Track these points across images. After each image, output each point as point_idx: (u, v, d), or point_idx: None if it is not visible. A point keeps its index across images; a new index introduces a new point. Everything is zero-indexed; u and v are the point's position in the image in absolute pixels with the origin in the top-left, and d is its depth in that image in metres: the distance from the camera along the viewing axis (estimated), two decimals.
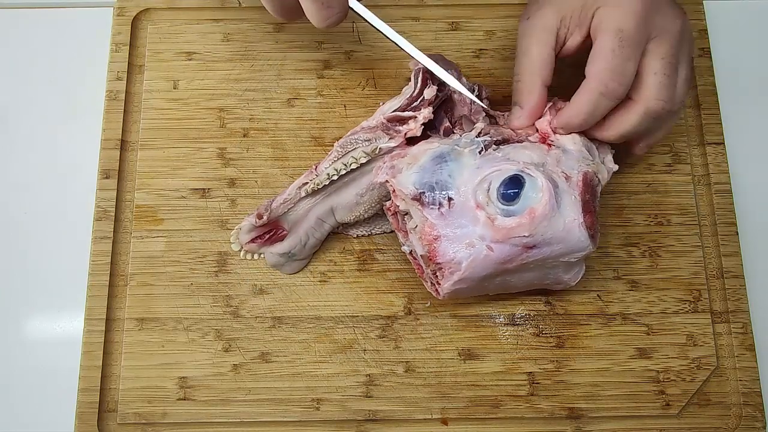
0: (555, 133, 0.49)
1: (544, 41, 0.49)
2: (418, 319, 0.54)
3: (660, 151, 0.58)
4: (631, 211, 0.56)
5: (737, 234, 0.56)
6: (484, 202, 0.46)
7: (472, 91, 0.52)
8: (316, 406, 0.52)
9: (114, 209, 0.55)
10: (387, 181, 0.47)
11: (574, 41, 0.49)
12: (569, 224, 0.46)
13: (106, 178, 0.56)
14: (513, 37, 0.60)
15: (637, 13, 0.46)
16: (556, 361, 0.53)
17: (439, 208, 0.46)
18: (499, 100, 0.57)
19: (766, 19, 0.65)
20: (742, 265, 0.55)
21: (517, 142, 0.49)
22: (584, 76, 0.47)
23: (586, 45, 0.49)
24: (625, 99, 0.47)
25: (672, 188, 0.57)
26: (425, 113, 0.49)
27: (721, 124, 0.59)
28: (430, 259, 0.46)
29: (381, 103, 0.56)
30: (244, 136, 0.58)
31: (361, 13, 0.49)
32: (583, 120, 0.48)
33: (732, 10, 0.64)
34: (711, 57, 0.60)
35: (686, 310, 0.54)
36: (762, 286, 0.57)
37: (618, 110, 0.48)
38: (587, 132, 0.50)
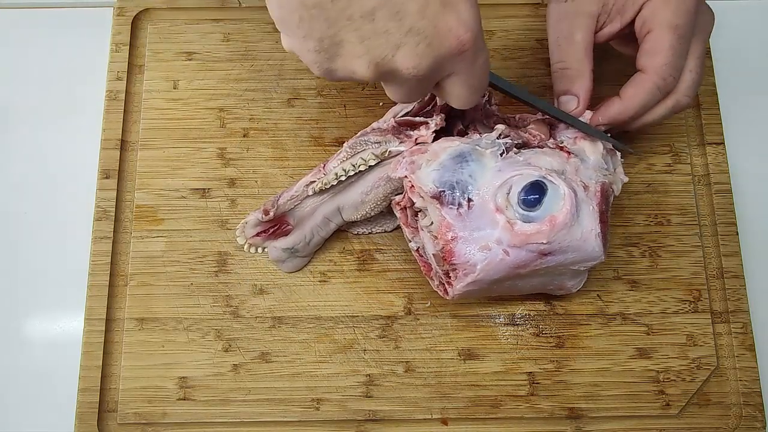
0: (600, 126, 0.49)
1: (587, 26, 0.48)
2: (418, 319, 0.54)
3: (660, 151, 0.58)
4: (631, 211, 0.56)
5: (737, 234, 0.56)
6: (504, 205, 0.45)
7: (482, 96, 0.51)
8: (316, 406, 0.52)
9: (114, 209, 0.55)
10: (406, 176, 0.47)
11: (612, 28, 0.49)
12: (586, 234, 0.46)
13: (106, 178, 0.56)
14: (513, 37, 0.61)
15: (689, 10, 0.46)
16: (556, 361, 0.53)
17: (458, 209, 0.46)
18: (500, 100, 0.57)
19: (766, 19, 0.65)
20: (742, 265, 0.55)
21: (537, 147, 0.49)
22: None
23: (621, 33, 0.49)
24: None
25: (672, 188, 0.57)
26: (437, 120, 0.49)
27: (721, 124, 0.59)
28: (445, 259, 0.46)
29: (381, 104, 0.57)
30: (244, 136, 0.58)
31: (499, 85, 0.47)
32: (635, 113, 0.48)
33: (732, 10, 0.64)
34: (711, 57, 0.60)
35: (686, 310, 0.54)
36: (762, 286, 0.57)
37: None
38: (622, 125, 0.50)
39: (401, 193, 0.49)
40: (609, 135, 0.50)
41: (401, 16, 0.37)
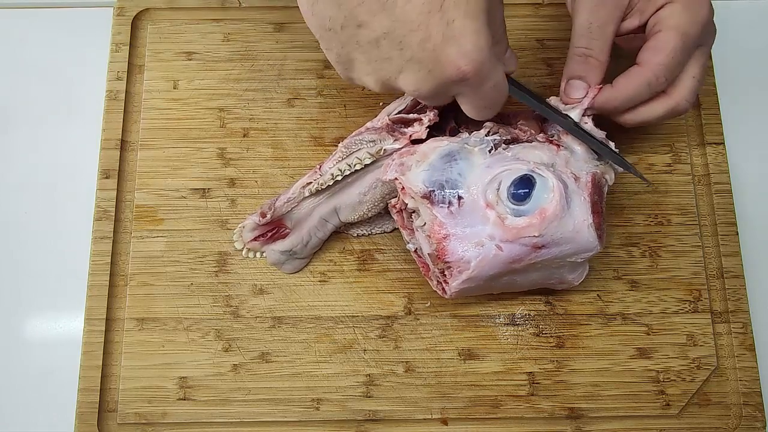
0: (588, 110, 0.49)
1: (617, 18, 0.49)
2: (418, 319, 0.54)
3: (660, 151, 0.58)
4: (631, 211, 0.56)
5: (737, 234, 0.56)
6: (494, 201, 0.46)
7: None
8: (316, 406, 0.52)
9: (114, 209, 0.55)
10: (396, 178, 0.47)
11: (630, 24, 0.50)
12: (579, 225, 0.46)
13: (106, 178, 0.56)
14: (513, 37, 0.60)
15: (701, 22, 0.48)
16: (556, 361, 0.53)
17: (448, 207, 0.46)
18: None
19: (766, 19, 0.65)
20: (742, 265, 0.55)
21: (527, 141, 0.49)
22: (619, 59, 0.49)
23: (635, 31, 0.50)
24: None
25: (672, 188, 0.57)
26: (431, 116, 0.49)
27: (721, 124, 0.59)
28: (439, 258, 0.46)
29: (381, 104, 0.57)
30: (244, 136, 0.58)
31: (521, 100, 0.48)
32: (621, 103, 0.49)
33: (732, 10, 0.64)
34: (711, 57, 0.60)
35: (686, 310, 0.54)
36: (762, 286, 0.57)
37: (649, 100, 0.49)
38: (611, 113, 0.50)
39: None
40: (618, 153, 0.50)
41: (402, 47, 0.40)
